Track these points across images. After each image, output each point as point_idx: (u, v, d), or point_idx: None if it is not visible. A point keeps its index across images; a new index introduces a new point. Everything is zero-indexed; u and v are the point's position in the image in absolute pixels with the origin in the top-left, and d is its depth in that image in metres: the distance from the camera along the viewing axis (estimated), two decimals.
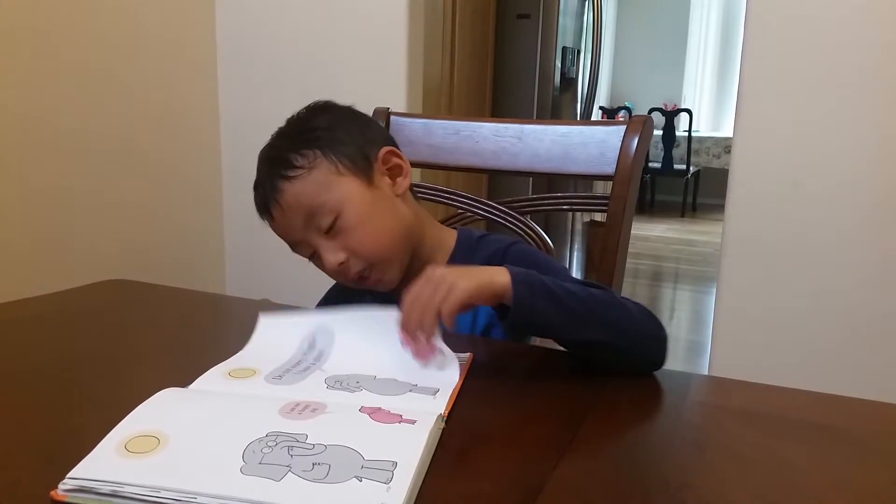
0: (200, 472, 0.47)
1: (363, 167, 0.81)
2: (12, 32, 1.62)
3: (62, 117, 1.76)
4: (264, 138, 0.87)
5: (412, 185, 0.92)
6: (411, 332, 0.64)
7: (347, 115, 0.86)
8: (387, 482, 0.46)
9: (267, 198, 0.80)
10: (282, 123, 0.87)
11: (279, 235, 0.83)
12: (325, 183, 0.78)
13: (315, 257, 0.82)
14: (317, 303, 0.97)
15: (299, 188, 0.78)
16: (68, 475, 0.46)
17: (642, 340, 0.70)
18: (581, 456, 0.55)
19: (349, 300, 0.93)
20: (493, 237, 0.88)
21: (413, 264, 0.84)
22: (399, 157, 0.86)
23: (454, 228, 0.92)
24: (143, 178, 2.00)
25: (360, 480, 0.46)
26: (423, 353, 0.65)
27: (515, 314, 0.65)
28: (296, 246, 0.82)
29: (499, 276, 0.65)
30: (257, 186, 0.83)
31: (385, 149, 0.84)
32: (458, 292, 0.63)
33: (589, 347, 0.68)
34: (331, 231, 0.78)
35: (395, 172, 0.85)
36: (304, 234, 0.80)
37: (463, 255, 0.86)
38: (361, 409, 0.56)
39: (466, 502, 0.48)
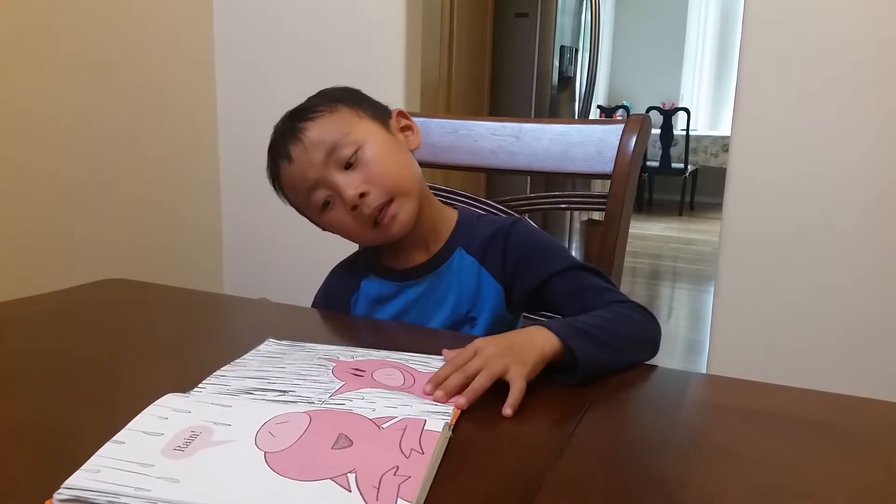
0: (205, 483, 0.47)
1: (381, 117, 0.87)
2: (11, 30, 1.62)
3: (60, 115, 1.76)
4: (262, 136, 0.88)
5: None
6: (448, 391, 0.61)
7: (359, 91, 0.91)
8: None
9: (286, 142, 0.82)
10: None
11: (293, 184, 0.83)
12: (347, 121, 0.83)
13: (330, 206, 0.82)
14: (311, 303, 0.97)
15: (322, 124, 0.82)
16: (64, 484, 0.45)
17: (653, 347, 0.76)
18: (579, 455, 0.55)
19: (344, 297, 0.93)
20: (493, 216, 0.92)
21: (419, 229, 0.86)
22: (408, 118, 0.91)
23: (454, 207, 0.95)
24: (142, 177, 2.00)
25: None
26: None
27: (583, 374, 0.66)
28: (312, 190, 0.82)
29: (547, 346, 0.66)
30: (273, 144, 0.85)
31: (396, 109, 0.90)
32: (518, 381, 0.62)
33: (617, 370, 0.71)
34: (351, 166, 0.81)
35: (406, 132, 0.90)
36: (323, 170, 0.81)
37: (465, 231, 0.89)
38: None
39: (465, 502, 0.48)
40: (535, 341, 0.66)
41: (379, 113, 0.87)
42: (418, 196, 0.85)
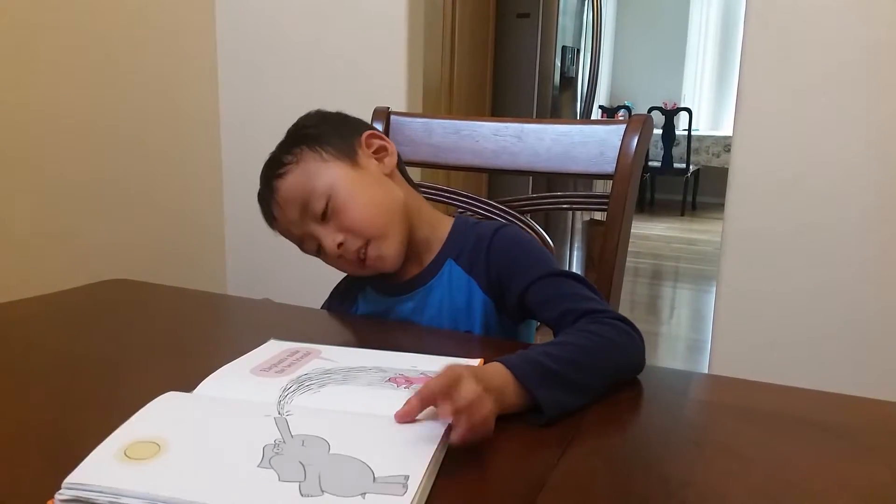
0: (201, 480, 0.46)
1: (347, 152, 0.85)
2: (15, 30, 1.62)
3: (63, 116, 1.76)
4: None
5: (413, 183, 0.93)
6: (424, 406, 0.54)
7: (333, 115, 0.91)
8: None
9: (268, 201, 0.85)
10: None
11: (286, 237, 0.86)
12: (311, 171, 0.83)
13: (321, 250, 0.84)
14: (321, 305, 0.97)
15: (290, 181, 0.83)
16: (65, 482, 0.45)
17: (632, 369, 0.70)
18: (581, 454, 0.55)
19: (351, 297, 0.93)
20: (484, 223, 0.90)
21: (410, 246, 0.86)
22: (381, 138, 0.89)
23: (452, 216, 0.93)
24: (145, 178, 2.00)
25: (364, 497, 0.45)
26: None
27: (549, 418, 0.59)
28: (302, 243, 0.85)
29: (511, 401, 0.59)
30: (259, 197, 0.87)
31: (366, 132, 0.88)
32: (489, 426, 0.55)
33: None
34: (325, 216, 0.82)
35: (380, 154, 0.88)
36: (303, 226, 0.83)
37: (456, 242, 0.87)
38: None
39: (467, 501, 0.48)
40: (506, 401, 0.58)
41: (345, 148, 0.85)
42: (399, 227, 0.84)
